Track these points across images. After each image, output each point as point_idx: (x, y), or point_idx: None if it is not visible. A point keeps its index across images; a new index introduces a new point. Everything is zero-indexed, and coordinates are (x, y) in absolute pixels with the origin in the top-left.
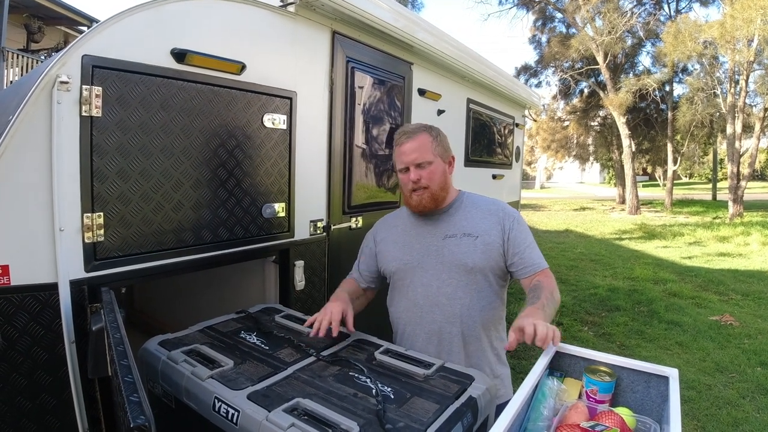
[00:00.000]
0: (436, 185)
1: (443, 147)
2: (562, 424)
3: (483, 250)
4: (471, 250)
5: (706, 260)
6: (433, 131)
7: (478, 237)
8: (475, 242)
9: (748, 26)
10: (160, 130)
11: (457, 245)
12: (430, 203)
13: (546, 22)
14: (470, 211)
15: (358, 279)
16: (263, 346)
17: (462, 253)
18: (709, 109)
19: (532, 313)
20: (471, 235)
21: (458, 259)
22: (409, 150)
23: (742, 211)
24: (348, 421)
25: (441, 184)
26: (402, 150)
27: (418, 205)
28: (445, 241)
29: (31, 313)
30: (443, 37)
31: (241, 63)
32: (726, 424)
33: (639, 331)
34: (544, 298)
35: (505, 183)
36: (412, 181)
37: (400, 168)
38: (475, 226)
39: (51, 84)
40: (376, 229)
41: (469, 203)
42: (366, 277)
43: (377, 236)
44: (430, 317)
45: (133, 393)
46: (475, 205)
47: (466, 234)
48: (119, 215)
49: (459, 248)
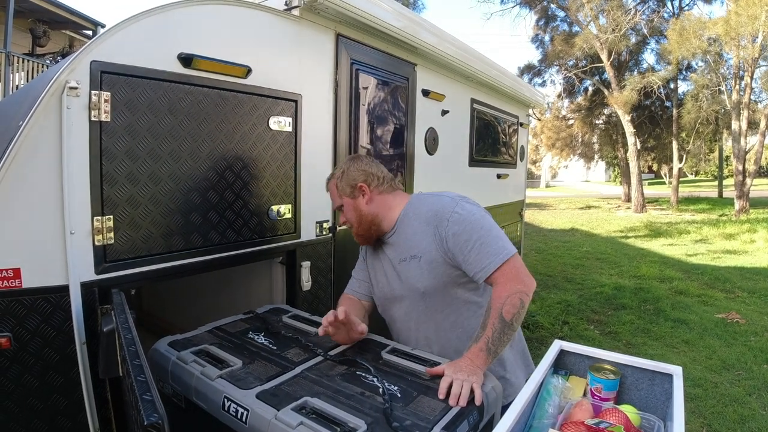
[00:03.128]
0: (354, 222)
1: (346, 183)
2: (567, 422)
3: (428, 270)
4: (418, 274)
5: (712, 258)
6: (338, 172)
7: (422, 257)
8: (420, 264)
9: (753, 23)
10: (167, 134)
11: (408, 269)
12: (361, 240)
13: (549, 21)
14: (412, 225)
15: (356, 292)
16: (271, 346)
17: (413, 278)
18: (714, 106)
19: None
20: (415, 257)
21: (411, 284)
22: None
23: (748, 207)
24: (356, 420)
25: (357, 220)
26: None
27: (360, 243)
28: (400, 266)
29: (42, 314)
30: (446, 38)
31: (247, 67)
32: (732, 421)
33: (645, 329)
34: (489, 329)
35: (509, 182)
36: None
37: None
38: (417, 244)
39: (60, 89)
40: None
41: (412, 216)
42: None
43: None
44: (414, 336)
45: (146, 392)
46: (417, 216)
47: (413, 256)
48: (128, 218)
49: (410, 273)
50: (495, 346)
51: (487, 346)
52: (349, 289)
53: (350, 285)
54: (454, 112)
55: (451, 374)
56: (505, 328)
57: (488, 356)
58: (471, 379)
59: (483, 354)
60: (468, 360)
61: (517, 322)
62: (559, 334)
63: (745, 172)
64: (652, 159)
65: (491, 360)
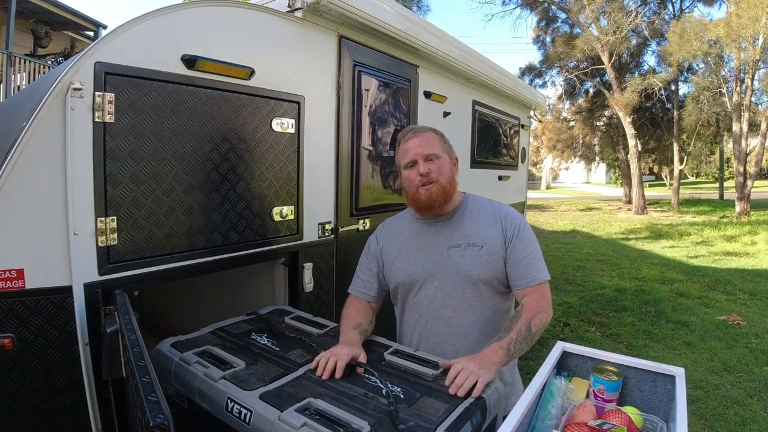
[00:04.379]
0: (446, 179)
1: (449, 146)
2: (570, 423)
3: (488, 261)
4: (476, 262)
5: (714, 260)
6: (437, 132)
7: (483, 247)
8: (479, 252)
9: (754, 25)
10: (171, 136)
11: (462, 256)
12: (440, 197)
13: (550, 23)
14: (475, 218)
15: (362, 293)
16: (274, 347)
17: (467, 265)
18: (715, 107)
19: (485, 354)
20: (476, 245)
21: (463, 270)
22: (416, 144)
23: (749, 209)
24: (359, 421)
25: (450, 180)
26: (408, 146)
27: (428, 200)
28: (450, 252)
29: (45, 315)
30: (448, 40)
31: (250, 68)
32: (733, 423)
33: (646, 331)
34: (515, 332)
35: (511, 184)
36: (421, 174)
37: (406, 163)
38: (480, 235)
39: (64, 91)
40: (378, 235)
41: (474, 208)
42: (369, 288)
43: (380, 242)
44: (435, 329)
45: (151, 393)
46: (480, 211)
47: (471, 244)
48: (132, 219)
49: (464, 259)
50: (515, 349)
51: (508, 346)
52: (355, 289)
53: (355, 285)
54: (456, 113)
55: (463, 363)
56: (528, 336)
57: (506, 356)
58: (480, 372)
59: (502, 352)
60: (485, 355)
61: (536, 338)
62: (560, 336)
63: (746, 174)
64: (652, 161)
65: (507, 362)
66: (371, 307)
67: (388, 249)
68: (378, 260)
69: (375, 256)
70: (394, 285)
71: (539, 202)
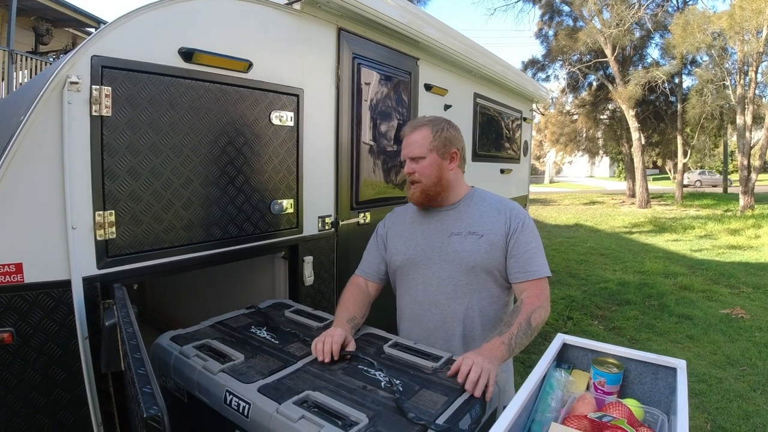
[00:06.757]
0: (428, 180)
1: (443, 142)
2: (570, 415)
3: (487, 249)
4: (474, 249)
5: (717, 253)
6: (436, 125)
7: (483, 236)
8: (479, 241)
9: (758, 17)
10: (169, 129)
11: (461, 243)
12: (420, 198)
13: (553, 16)
14: (479, 209)
15: (366, 273)
16: (273, 341)
17: (465, 252)
18: (719, 100)
19: (489, 350)
20: (476, 234)
21: (461, 257)
22: (407, 143)
23: (753, 203)
24: (357, 413)
25: (434, 180)
26: (404, 142)
27: (411, 197)
28: (450, 239)
29: (44, 309)
30: (449, 32)
31: (248, 61)
32: (736, 416)
33: (649, 324)
34: (515, 327)
35: (513, 177)
36: (407, 173)
37: (402, 159)
38: (482, 224)
39: (61, 84)
40: (386, 219)
41: (480, 200)
42: (374, 269)
43: (387, 226)
44: (428, 315)
45: (146, 384)
46: (486, 203)
47: (471, 232)
48: (130, 213)
49: (463, 246)
50: (515, 344)
51: (509, 341)
52: (360, 270)
53: (361, 266)
54: (457, 106)
55: (473, 357)
56: (528, 331)
57: (508, 351)
58: (490, 368)
59: (504, 347)
60: (488, 350)
61: (535, 334)
62: (563, 329)
63: (750, 167)
64: (656, 154)
65: (508, 357)
66: (369, 292)
67: (392, 233)
68: (384, 243)
69: (381, 239)
70: (393, 268)
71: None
